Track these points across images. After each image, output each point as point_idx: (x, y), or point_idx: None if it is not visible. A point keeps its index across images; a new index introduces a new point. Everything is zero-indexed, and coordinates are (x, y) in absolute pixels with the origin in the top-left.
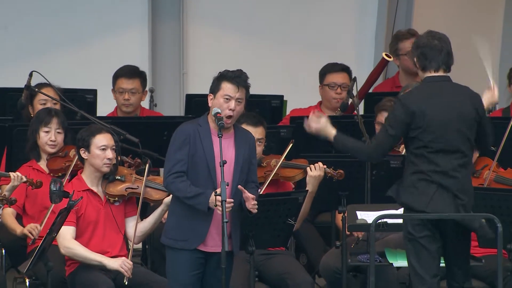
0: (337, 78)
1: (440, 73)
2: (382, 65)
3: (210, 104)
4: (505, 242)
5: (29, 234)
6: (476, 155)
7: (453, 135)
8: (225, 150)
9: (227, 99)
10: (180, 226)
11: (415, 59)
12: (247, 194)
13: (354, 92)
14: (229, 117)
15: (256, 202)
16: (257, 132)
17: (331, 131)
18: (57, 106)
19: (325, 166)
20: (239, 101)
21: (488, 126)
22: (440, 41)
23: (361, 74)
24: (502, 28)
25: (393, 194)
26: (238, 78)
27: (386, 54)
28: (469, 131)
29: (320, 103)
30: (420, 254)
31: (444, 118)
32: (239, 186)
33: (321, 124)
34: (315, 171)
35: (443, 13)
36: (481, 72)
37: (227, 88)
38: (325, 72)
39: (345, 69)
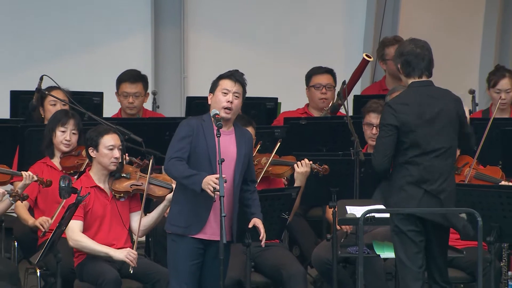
0: (322, 79)
1: (424, 79)
2: (363, 65)
3: (210, 102)
4: (484, 235)
5: (41, 227)
6: (457, 153)
7: (439, 138)
8: (227, 147)
9: (225, 93)
10: (182, 214)
11: (399, 66)
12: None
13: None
14: (228, 108)
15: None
16: None
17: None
18: (66, 107)
19: (311, 162)
20: (236, 95)
21: (469, 128)
22: (422, 49)
23: (350, 78)
24: (481, 34)
25: (377, 198)
26: (235, 74)
27: (366, 55)
28: (453, 133)
29: (307, 105)
30: (406, 246)
31: (430, 121)
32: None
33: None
34: (302, 167)
35: (427, 21)
36: (461, 74)
37: (225, 83)
38: (310, 74)
39: (329, 71)
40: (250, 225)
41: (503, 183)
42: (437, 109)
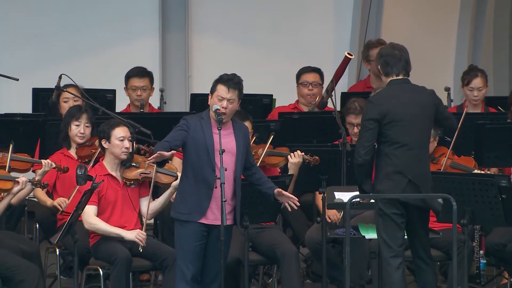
0: (309, 77)
1: (401, 77)
2: (345, 62)
3: (209, 102)
4: (458, 218)
5: (58, 206)
6: (434, 144)
7: (417, 130)
8: (227, 142)
9: (220, 99)
10: (185, 202)
11: (379, 66)
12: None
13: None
14: (222, 113)
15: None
16: None
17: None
18: (78, 102)
19: (303, 154)
20: (230, 101)
21: (447, 112)
22: (400, 51)
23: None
24: (456, 37)
25: (367, 189)
26: (231, 81)
27: (348, 53)
28: (430, 124)
29: (297, 101)
30: (389, 227)
31: (410, 114)
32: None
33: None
34: (295, 158)
35: (406, 25)
36: (438, 73)
37: (220, 90)
38: (300, 73)
39: (316, 70)
40: (277, 197)
41: (475, 171)
42: (415, 103)
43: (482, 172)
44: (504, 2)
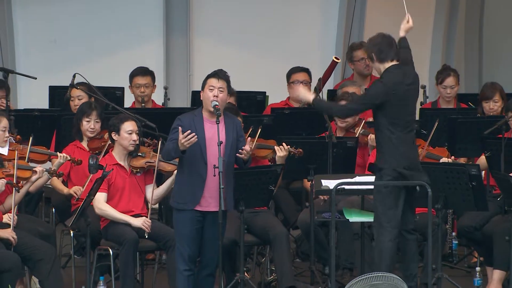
0: (299, 76)
1: (395, 62)
2: (332, 65)
3: (201, 97)
4: (433, 203)
5: (74, 194)
6: None
7: (412, 108)
8: (217, 132)
9: (211, 89)
10: (181, 192)
11: (373, 54)
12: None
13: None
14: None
15: (247, 149)
16: None
17: (310, 97)
18: (85, 100)
19: (288, 146)
20: (221, 90)
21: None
22: (389, 39)
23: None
24: (431, 38)
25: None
26: (219, 72)
27: (335, 57)
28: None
29: (288, 98)
30: (392, 201)
31: (410, 95)
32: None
33: (300, 92)
34: (281, 151)
35: (387, 28)
36: (415, 69)
37: (210, 81)
38: (290, 73)
39: (305, 69)
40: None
41: (443, 159)
42: (411, 85)
43: (450, 160)
44: (474, 8)
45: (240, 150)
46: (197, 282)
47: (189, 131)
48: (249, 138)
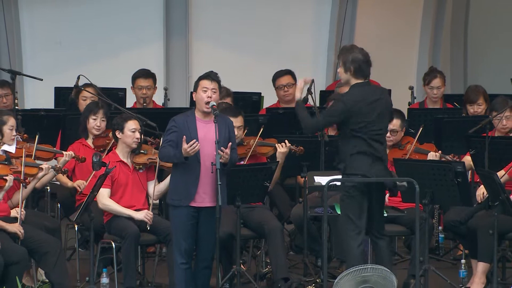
0: (283, 80)
1: (365, 80)
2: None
3: (194, 98)
4: (420, 198)
5: (78, 187)
6: (401, 134)
7: (379, 122)
8: (209, 131)
9: (204, 90)
10: (177, 189)
11: (351, 68)
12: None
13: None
14: (209, 102)
15: (227, 152)
16: (237, 121)
17: (297, 96)
18: (95, 99)
19: (289, 145)
20: (213, 91)
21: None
22: (368, 58)
23: (317, 77)
24: (418, 42)
25: (340, 167)
26: (211, 74)
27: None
28: (388, 117)
29: (278, 101)
30: (355, 207)
31: (373, 110)
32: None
33: (298, 86)
34: (283, 148)
35: (376, 32)
36: (403, 73)
37: (204, 82)
38: (274, 78)
39: (288, 72)
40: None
41: (430, 153)
42: (377, 101)
43: (437, 154)
44: (459, 13)
45: (219, 151)
46: (195, 274)
47: (194, 140)
48: (230, 143)
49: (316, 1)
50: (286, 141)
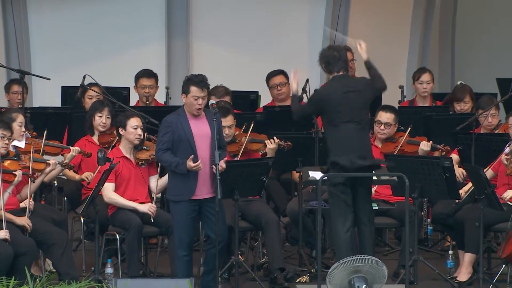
0: (276, 80)
1: (341, 73)
2: None
3: (184, 101)
4: (410, 192)
5: (86, 179)
6: (395, 128)
7: (353, 110)
8: (202, 127)
9: (195, 99)
10: (176, 185)
11: (323, 66)
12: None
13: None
14: (199, 109)
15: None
16: (226, 120)
17: (295, 89)
18: (100, 97)
19: (278, 140)
20: (203, 98)
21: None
22: (338, 52)
23: (312, 77)
24: (408, 43)
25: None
26: (202, 82)
27: None
28: (365, 105)
29: (272, 100)
30: (341, 205)
31: (347, 99)
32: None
33: (291, 79)
34: (272, 144)
35: (368, 33)
36: (393, 73)
37: (195, 90)
38: (267, 78)
39: (280, 72)
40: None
41: (423, 142)
42: (353, 91)
43: (429, 144)
44: (447, 14)
45: (217, 165)
46: (207, 257)
47: (200, 160)
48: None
49: (310, 3)
50: (275, 137)
